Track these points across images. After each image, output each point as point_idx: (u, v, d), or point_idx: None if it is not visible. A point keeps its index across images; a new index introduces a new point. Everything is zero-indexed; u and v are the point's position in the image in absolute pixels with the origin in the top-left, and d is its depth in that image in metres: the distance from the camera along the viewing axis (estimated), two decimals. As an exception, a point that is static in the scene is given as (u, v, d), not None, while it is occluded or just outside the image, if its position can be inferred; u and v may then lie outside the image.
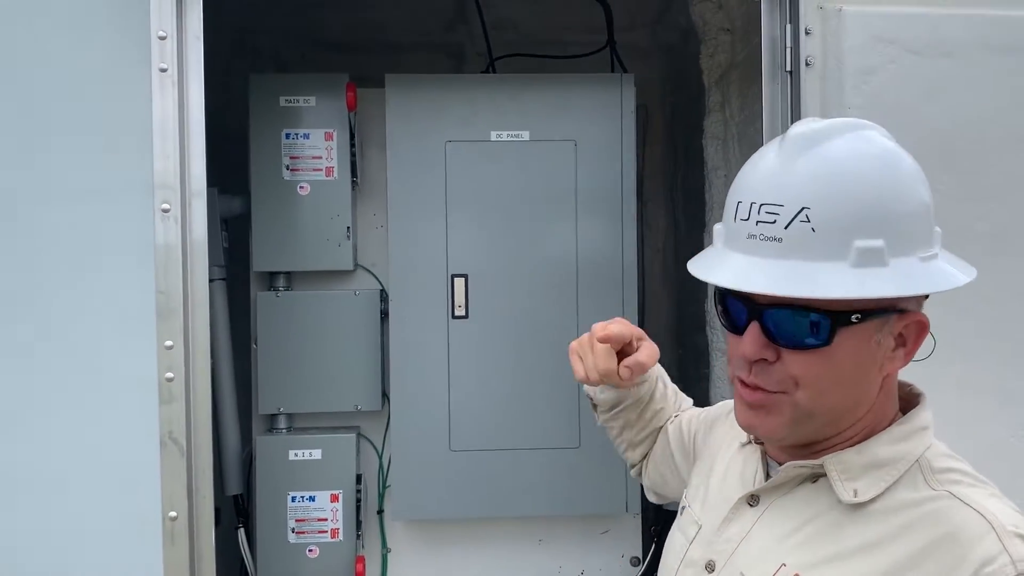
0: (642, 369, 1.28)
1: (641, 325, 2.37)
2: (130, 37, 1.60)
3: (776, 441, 1.02)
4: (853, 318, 0.91)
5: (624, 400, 1.43)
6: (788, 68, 1.69)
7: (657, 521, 2.42)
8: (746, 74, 2.24)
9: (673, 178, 3.01)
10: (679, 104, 2.97)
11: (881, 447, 0.97)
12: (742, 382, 0.99)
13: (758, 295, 0.92)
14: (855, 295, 0.88)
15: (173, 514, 1.59)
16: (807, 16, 1.66)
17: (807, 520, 0.99)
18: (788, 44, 1.69)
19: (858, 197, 0.89)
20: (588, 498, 2.19)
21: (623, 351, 1.29)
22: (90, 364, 1.62)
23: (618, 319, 1.30)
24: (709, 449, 1.25)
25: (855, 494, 0.95)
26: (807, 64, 1.66)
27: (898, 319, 0.95)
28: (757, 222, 0.92)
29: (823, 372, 0.93)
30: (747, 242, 0.93)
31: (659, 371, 1.49)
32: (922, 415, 1.01)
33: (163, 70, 1.60)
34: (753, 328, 0.94)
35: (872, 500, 0.95)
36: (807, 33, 1.66)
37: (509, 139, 2.16)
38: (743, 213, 0.94)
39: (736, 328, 0.98)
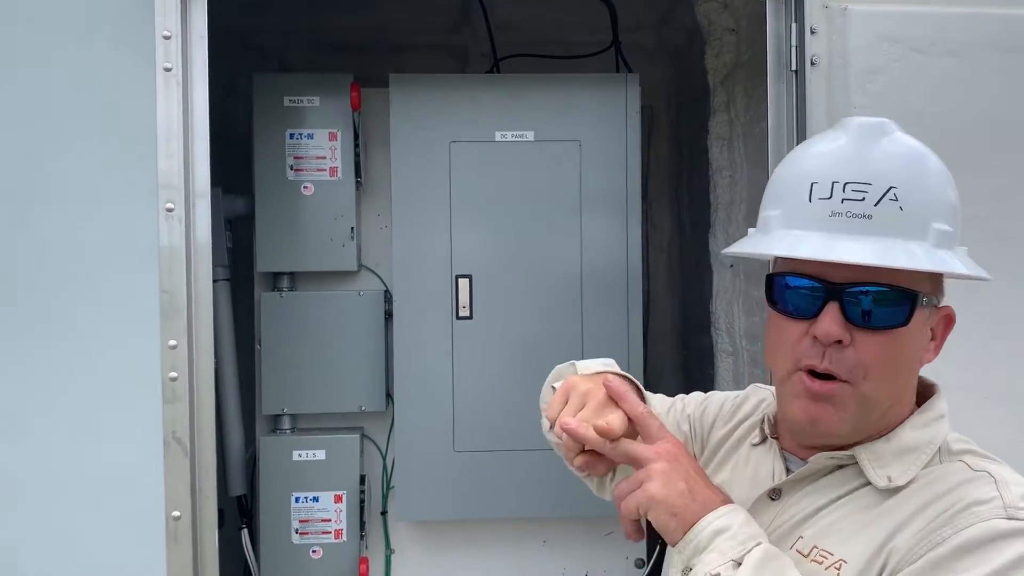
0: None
1: (645, 326, 2.37)
2: (135, 37, 1.60)
3: (835, 437, 1.00)
4: (923, 300, 0.95)
5: None
6: (793, 67, 1.68)
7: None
8: (751, 74, 2.24)
9: (678, 178, 3.01)
10: (684, 104, 2.96)
11: (909, 433, 0.99)
12: (809, 375, 0.97)
13: (834, 275, 0.93)
14: (961, 271, 0.92)
15: (176, 514, 1.59)
16: (812, 15, 1.66)
17: (830, 502, 1.00)
18: (793, 43, 1.68)
19: (935, 182, 0.95)
20: (592, 499, 2.16)
21: None
22: (94, 363, 1.62)
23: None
24: (710, 448, 1.23)
25: (889, 480, 0.97)
26: (812, 63, 1.66)
27: (935, 311, 0.99)
28: (843, 200, 0.92)
29: (892, 357, 0.95)
30: (829, 220, 0.93)
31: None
32: (939, 404, 1.04)
33: (167, 70, 1.60)
34: (832, 308, 0.93)
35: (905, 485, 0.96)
36: (812, 32, 1.66)
37: (513, 139, 2.16)
38: (822, 193, 0.94)
39: (805, 312, 0.96)
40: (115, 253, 1.63)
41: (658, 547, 2.23)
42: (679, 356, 2.95)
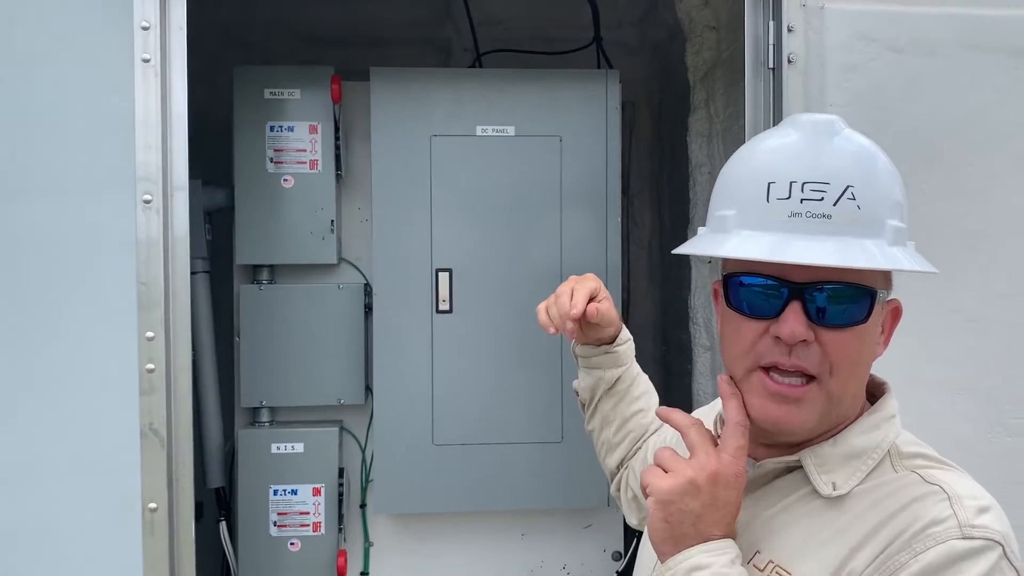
0: (604, 317, 1.38)
1: (625, 321, 2.38)
2: (113, 27, 1.60)
3: (802, 436, 1.00)
4: (880, 295, 0.95)
5: (599, 385, 1.45)
6: (771, 65, 1.69)
7: (639, 516, 2.43)
8: (731, 71, 2.25)
9: (659, 175, 3.02)
10: (665, 101, 2.98)
11: (855, 437, 0.99)
12: (767, 373, 0.96)
13: (794, 275, 0.93)
14: (914, 267, 0.92)
15: (153, 505, 1.59)
16: (790, 13, 1.67)
17: (782, 509, 1.00)
18: (771, 41, 1.69)
19: (888, 180, 0.95)
20: (570, 492, 2.20)
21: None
22: (71, 354, 1.61)
23: (590, 275, 1.42)
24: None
25: (833, 487, 0.97)
26: (789, 61, 1.67)
27: (887, 305, 0.99)
28: (802, 200, 0.92)
29: (855, 353, 0.95)
30: (789, 221, 0.92)
31: (637, 368, 1.49)
32: (889, 403, 1.03)
33: (146, 61, 1.59)
34: (795, 307, 0.93)
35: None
36: (790, 30, 1.67)
37: (495, 134, 2.17)
38: (780, 193, 0.93)
39: (765, 312, 0.96)
40: (93, 244, 1.62)
41: (635, 541, 2.25)
42: (659, 351, 2.97)
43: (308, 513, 2.17)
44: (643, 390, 1.48)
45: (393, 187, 2.14)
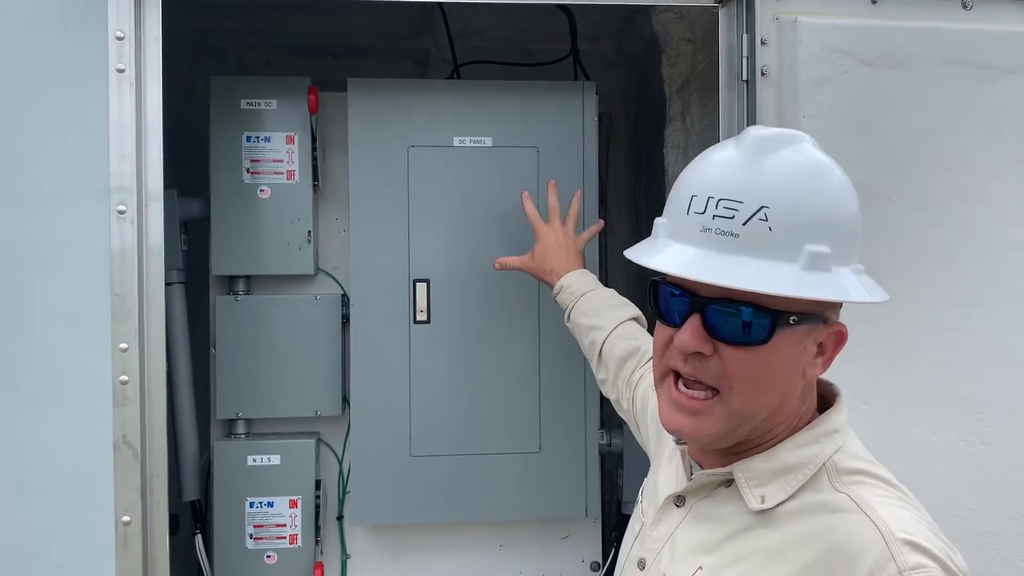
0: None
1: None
2: (87, 37, 1.59)
3: (705, 444, 1.03)
4: (791, 319, 0.93)
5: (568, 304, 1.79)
6: (745, 77, 1.71)
7: (617, 525, 2.44)
8: (706, 84, 2.27)
9: (636, 186, 3.04)
10: (642, 113, 3.00)
11: (787, 452, 0.99)
12: (673, 383, 0.99)
13: (702, 289, 0.93)
14: (810, 295, 0.90)
15: (126, 518, 1.58)
16: (763, 26, 1.69)
17: (722, 523, 1.01)
18: (744, 54, 1.71)
19: (812, 203, 0.93)
20: (549, 503, 2.20)
21: None
22: (43, 365, 1.60)
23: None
24: (663, 439, 1.26)
25: (762, 501, 0.97)
26: (763, 74, 1.69)
27: (823, 327, 0.98)
28: (714, 216, 0.92)
29: (757, 372, 0.95)
30: (700, 235, 0.93)
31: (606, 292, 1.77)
32: (833, 418, 1.02)
33: (120, 71, 1.59)
34: (694, 320, 0.95)
35: (778, 505, 0.97)
36: (763, 43, 1.69)
37: (472, 145, 2.17)
38: (697, 207, 0.94)
39: (672, 320, 0.98)
40: (66, 255, 1.61)
41: (613, 551, 2.25)
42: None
43: (285, 525, 2.16)
44: (608, 307, 1.71)
45: (370, 198, 2.14)
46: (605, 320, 1.68)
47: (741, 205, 0.91)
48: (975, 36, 1.76)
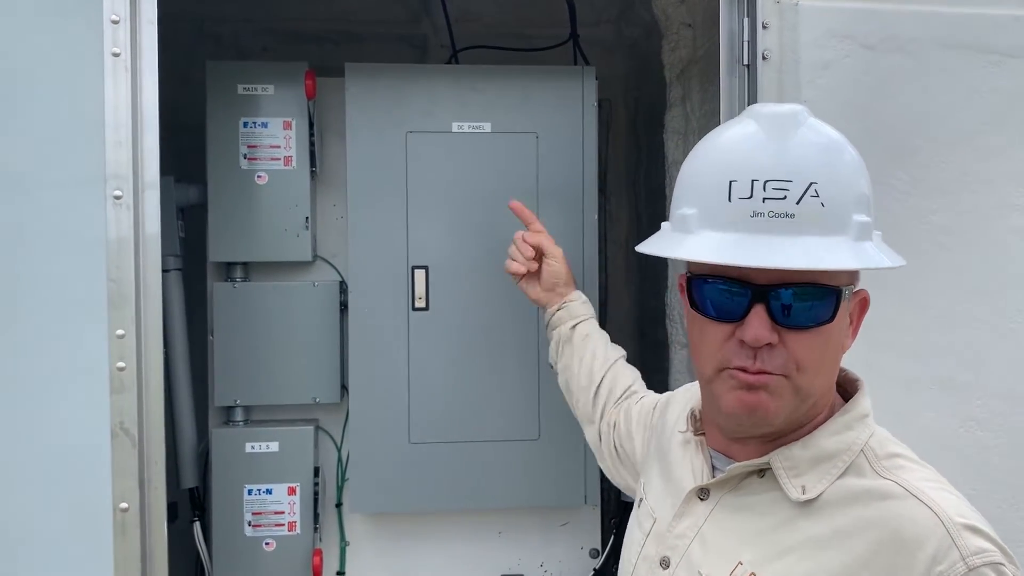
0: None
1: (602, 318, 2.38)
2: (82, 20, 1.57)
3: (771, 427, 0.98)
4: (846, 292, 0.94)
5: (560, 340, 1.70)
6: (746, 62, 1.70)
7: (616, 512, 2.44)
8: (707, 69, 2.26)
9: (636, 172, 3.02)
10: (642, 99, 2.98)
11: (826, 439, 0.97)
12: (738, 369, 0.95)
13: (758, 277, 0.91)
14: (875, 264, 0.90)
15: (124, 506, 1.57)
16: (764, 10, 1.68)
17: (759, 515, 0.99)
18: (746, 38, 1.70)
19: (853, 173, 0.94)
20: (547, 490, 2.19)
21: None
22: (40, 352, 1.59)
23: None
24: (665, 435, 1.24)
25: (803, 491, 0.95)
26: (764, 58, 1.68)
27: (854, 297, 0.98)
28: (764, 199, 0.90)
29: (823, 351, 0.94)
30: (752, 221, 0.91)
31: (597, 328, 1.70)
32: (862, 402, 1.01)
33: (116, 55, 1.57)
34: (759, 311, 0.92)
35: (819, 494, 0.95)
36: (764, 27, 1.67)
37: (471, 130, 2.16)
38: (742, 192, 0.91)
39: (730, 315, 0.94)
40: (62, 241, 1.60)
41: (612, 538, 2.25)
42: (636, 348, 2.98)
43: (283, 513, 2.15)
44: (601, 343, 1.64)
45: (368, 184, 2.12)
46: (612, 352, 1.67)
47: (791, 184, 0.90)
48: (977, 20, 1.75)
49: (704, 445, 1.09)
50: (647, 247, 1.04)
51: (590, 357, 1.63)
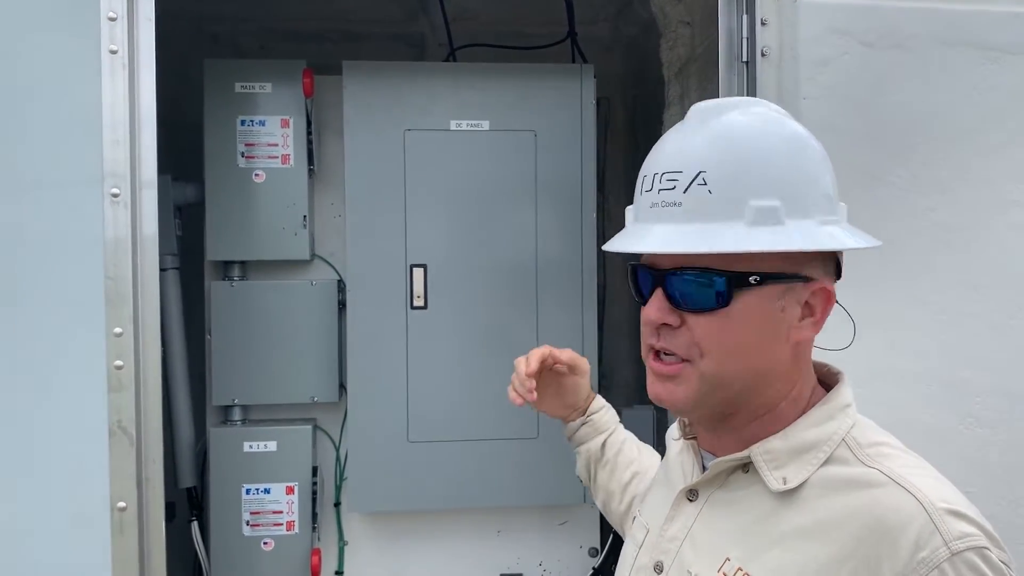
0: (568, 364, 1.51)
1: (600, 316, 2.38)
2: (79, 17, 1.56)
3: (686, 412, 1.04)
4: (751, 279, 0.93)
5: (590, 460, 1.50)
6: (744, 59, 1.70)
7: (615, 512, 2.43)
8: (705, 67, 2.25)
9: (634, 171, 3.02)
10: (640, 97, 2.98)
11: (805, 430, 0.98)
12: (653, 356, 1.00)
13: (663, 262, 0.96)
14: (743, 248, 0.90)
15: (122, 504, 1.56)
16: (763, 7, 1.67)
17: (743, 510, 0.99)
18: (744, 35, 1.70)
19: (750, 159, 0.94)
20: (546, 488, 2.19)
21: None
22: (37, 351, 1.58)
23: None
24: (668, 453, 1.24)
25: (784, 482, 0.95)
26: (763, 55, 1.67)
27: (804, 287, 0.96)
28: (659, 191, 0.96)
29: (725, 336, 0.95)
30: (650, 211, 0.97)
31: (624, 434, 1.53)
32: (843, 392, 1.01)
33: (113, 52, 1.56)
34: (658, 293, 0.97)
35: (802, 484, 0.95)
36: (763, 24, 1.67)
37: (469, 128, 2.15)
38: (647, 185, 0.98)
39: (644, 297, 1.00)
40: (60, 239, 1.59)
41: (611, 536, 2.25)
42: (634, 346, 2.96)
43: (282, 512, 2.15)
44: (634, 454, 1.48)
45: (366, 182, 2.12)
46: (645, 460, 1.54)
47: (680, 174, 0.94)
48: (977, 17, 1.75)
49: (696, 447, 1.09)
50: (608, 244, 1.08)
51: (628, 476, 1.49)
